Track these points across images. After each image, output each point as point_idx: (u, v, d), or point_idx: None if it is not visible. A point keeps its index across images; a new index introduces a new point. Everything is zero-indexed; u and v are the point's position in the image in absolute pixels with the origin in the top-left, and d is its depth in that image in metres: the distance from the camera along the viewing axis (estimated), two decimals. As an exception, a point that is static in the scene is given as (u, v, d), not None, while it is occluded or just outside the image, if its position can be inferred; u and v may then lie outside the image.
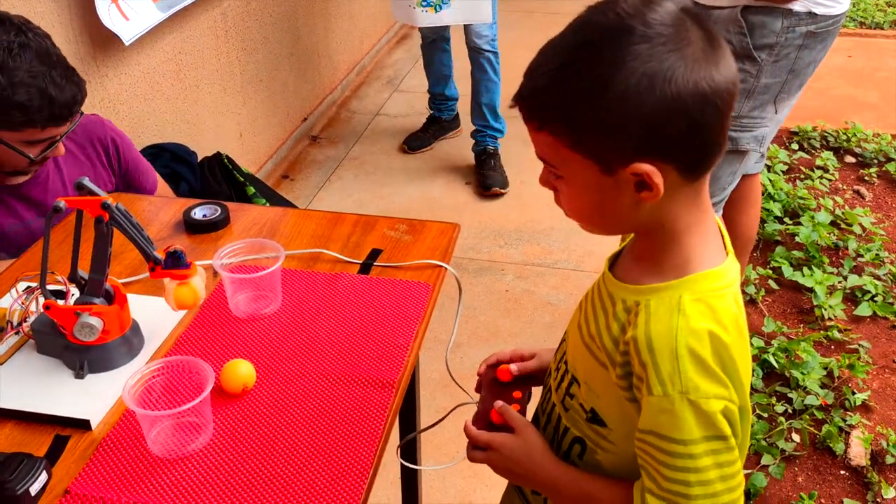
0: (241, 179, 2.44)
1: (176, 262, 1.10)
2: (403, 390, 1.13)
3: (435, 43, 3.31)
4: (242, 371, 1.10)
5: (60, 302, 1.11)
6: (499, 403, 0.99)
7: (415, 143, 3.52)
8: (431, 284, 1.31)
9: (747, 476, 1.89)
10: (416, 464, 1.57)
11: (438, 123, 3.57)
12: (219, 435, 1.04)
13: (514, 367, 1.07)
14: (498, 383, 1.06)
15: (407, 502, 1.70)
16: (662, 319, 0.80)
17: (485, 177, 3.21)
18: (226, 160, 2.45)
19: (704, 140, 0.76)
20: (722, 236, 0.87)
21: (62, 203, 1.04)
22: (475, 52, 3.15)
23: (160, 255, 1.10)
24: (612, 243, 1.23)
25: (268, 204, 2.34)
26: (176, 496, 0.96)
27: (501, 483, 1.97)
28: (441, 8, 2.95)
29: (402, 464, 1.63)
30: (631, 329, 0.82)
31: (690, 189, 0.80)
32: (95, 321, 1.08)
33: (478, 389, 1.08)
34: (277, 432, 1.04)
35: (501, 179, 3.20)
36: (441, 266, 1.35)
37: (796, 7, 1.76)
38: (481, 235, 2.96)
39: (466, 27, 3.09)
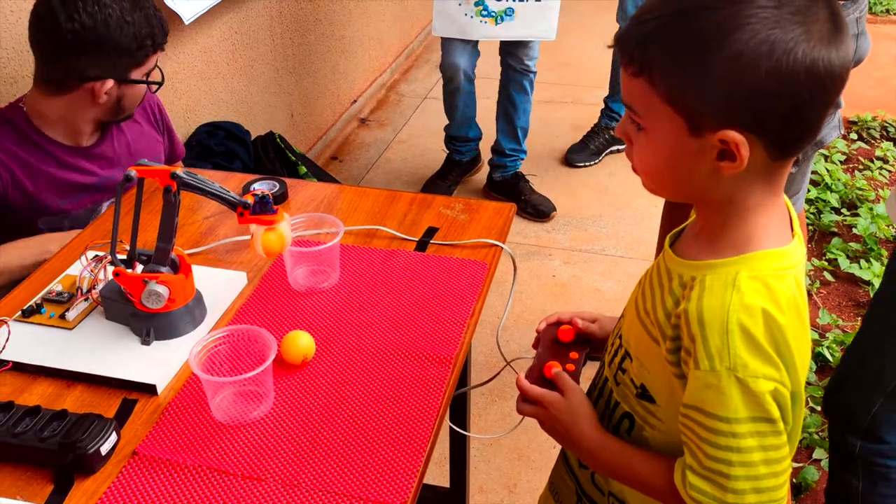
0: (294, 159, 2.47)
1: (263, 208, 1.10)
2: (460, 367, 1.14)
3: (460, 85, 2.89)
4: (303, 342, 1.11)
5: (128, 270, 1.14)
6: (555, 368, 0.99)
7: (436, 192, 3.01)
8: (487, 263, 1.32)
9: (798, 469, 1.87)
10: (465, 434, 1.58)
11: (459, 166, 3.15)
12: (279, 404, 1.06)
13: (580, 321, 1.06)
14: (557, 342, 1.06)
15: (455, 480, 1.71)
16: (716, 294, 0.78)
17: (535, 203, 2.97)
18: (279, 139, 2.48)
19: (803, 122, 0.74)
20: (791, 219, 0.85)
21: (133, 172, 1.06)
22: (520, 74, 2.85)
23: (249, 200, 1.11)
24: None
25: None
26: (238, 461, 0.98)
27: (547, 465, 1.98)
28: (503, 19, 2.59)
29: (451, 440, 1.64)
30: (684, 302, 0.80)
31: (771, 169, 0.78)
32: (162, 289, 1.11)
33: (535, 346, 1.08)
34: (336, 404, 1.06)
35: (549, 202, 3.00)
36: (496, 245, 1.35)
37: None
38: (529, 220, 2.95)
39: (515, 45, 2.78)
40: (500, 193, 3.03)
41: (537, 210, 2.95)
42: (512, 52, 2.82)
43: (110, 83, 1.47)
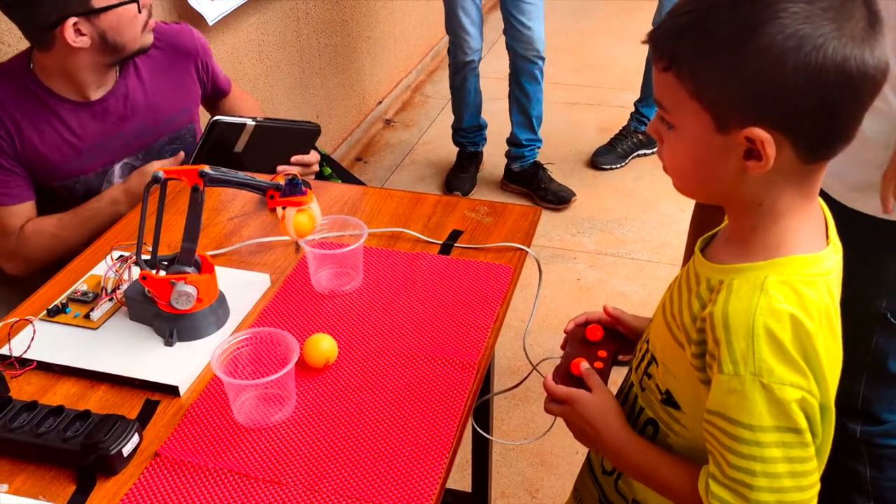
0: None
1: (293, 189, 1.10)
2: (483, 372, 1.13)
3: (467, 68, 2.95)
4: (325, 346, 1.11)
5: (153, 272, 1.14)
6: (584, 365, 0.97)
7: (465, 186, 3.12)
8: (512, 267, 1.30)
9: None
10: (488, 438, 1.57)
11: (477, 158, 3.20)
12: (301, 407, 1.05)
13: (612, 307, 1.05)
14: (585, 341, 1.04)
15: (477, 485, 1.70)
16: (743, 297, 0.76)
17: (555, 190, 3.00)
18: None
19: (833, 123, 0.72)
20: (826, 225, 0.83)
21: (161, 173, 1.06)
22: (530, 62, 2.85)
23: (280, 182, 1.10)
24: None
25: None
26: (259, 464, 0.97)
27: (570, 471, 1.97)
28: None
29: (473, 445, 1.63)
30: (710, 305, 0.78)
31: (802, 171, 0.76)
32: (191, 289, 1.11)
33: (563, 346, 1.07)
34: (358, 408, 1.05)
35: (568, 188, 3.03)
36: (521, 249, 1.34)
37: None
38: (553, 223, 2.93)
39: (521, 33, 2.78)
40: (520, 184, 3.06)
41: (558, 197, 2.98)
42: (517, 44, 2.83)
43: (72, 21, 1.39)
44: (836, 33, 0.68)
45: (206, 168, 1.08)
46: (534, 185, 3.02)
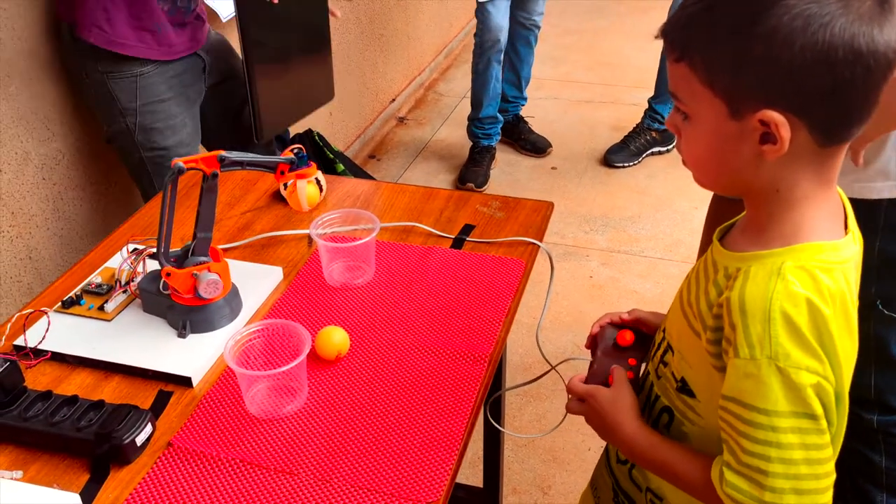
0: (331, 156, 2.48)
1: (301, 162, 1.17)
2: (495, 365, 1.13)
3: (492, 50, 3.00)
4: (337, 338, 1.11)
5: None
6: (618, 370, 0.97)
7: (478, 179, 3.14)
8: (524, 261, 1.30)
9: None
10: (501, 434, 1.57)
11: (491, 153, 3.24)
12: (312, 399, 1.06)
13: (627, 316, 1.05)
14: (616, 346, 1.04)
15: (488, 480, 1.70)
16: (760, 282, 0.76)
17: (533, 141, 3.36)
18: (317, 137, 2.49)
19: (846, 103, 0.71)
20: (845, 213, 0.82)
21: (181, 163, 1.07)
22: (527, 29, 3.14)
23: (290, 156, 1.17)
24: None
25: None
26: (270, 455, 0.98)
27: (582, 467, 1.96)
28: None
29: (485, 440, 1.63)
30: (727, 291, 0.78)
31: (818, 156, 0.75)
32: (216, 277, 1.12)
33: (588, 346, 1.07)
34: (369, 400, 1.05)
35: (545, 139, 3.36)
36: (533, 243, 1.34)
37: None
38: (567, 220, 2.93)
39: (525, 3, 3.05)
40: (502, 134, 3.34)
41: (535, 146, 3.35)
42: (521, 7, 3.06)
43: None
44: (842, 11, 0.68)
45: (223, 152, 1.10)
46: (514, 135, 3.39)
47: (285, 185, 1.24)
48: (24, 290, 1.77)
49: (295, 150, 1.15)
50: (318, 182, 1.21)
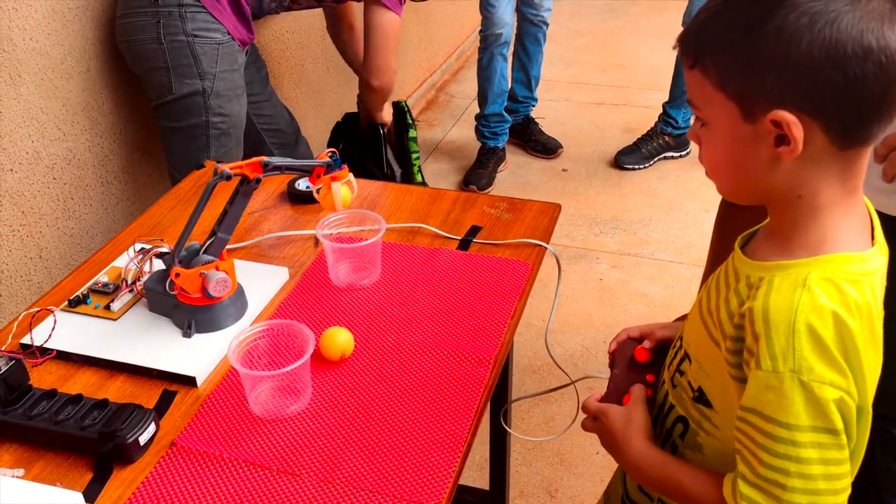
0: (410, 122, 2.46)
1: (335, 165, 1.24)
2: (500, 367, 1.12)
3: (495, 44, 3.00)
4: (341, 339, 1.11)
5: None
6: (637, 390, 0.96)
7: (481, 181, 3.13)
8: (531, 263, 1.29)
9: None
10: (508, 437, 1.57)
11: (497, 154, 3.23)
12: (316, 399, 1.05)
13: (649, 341, 1.04)
14: (634, 363, 1.03)
15: (495, 483, 1.69)
16: (784, 293, 0.74)
17: (544, 142, 3.35)
18: (404, 105, 2.47)
19: (859, 101, 0.70)
20: (872, 223, 0.80)
21: (228, 170, 1.08)
22: (536, 26, 3.13)
23: (326, 160, 1.24)
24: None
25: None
26: (273, 455, 0.97)
27: (589, 471, 1.95)
28: None
29: (491, 443, 1.62)
30: (749, 301, 0.77)
31: (838, 160, 0.74)
32: (224, 274, 1.12)
33: (611, 366, 1.06)
34: (373, 401, 1.05)
35: (556, 140, 3.36)
36: (540, 245, 1.33)
37: None
38: (576, 222, 2.92)
39: (533, 1, 3.05)
40: (513, 136, 3.36)
41: (545, 147, 3.35)
42: (528, 3, 3.07)
43: None
44: (849, 8, 0.68)
45: (266, 158, 1.13)
46: (525, 136, 3.39)
47: (317, 189, 1.28)
48: (34, 288, 1.78)
49: (329, 154, 1.21)
50: (352, 182, 1.27)
